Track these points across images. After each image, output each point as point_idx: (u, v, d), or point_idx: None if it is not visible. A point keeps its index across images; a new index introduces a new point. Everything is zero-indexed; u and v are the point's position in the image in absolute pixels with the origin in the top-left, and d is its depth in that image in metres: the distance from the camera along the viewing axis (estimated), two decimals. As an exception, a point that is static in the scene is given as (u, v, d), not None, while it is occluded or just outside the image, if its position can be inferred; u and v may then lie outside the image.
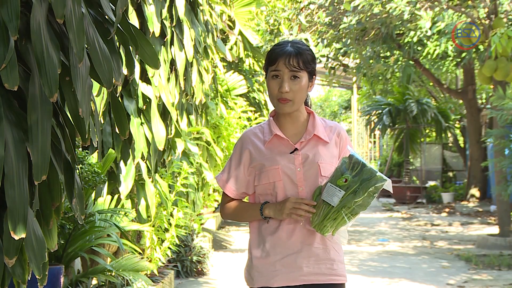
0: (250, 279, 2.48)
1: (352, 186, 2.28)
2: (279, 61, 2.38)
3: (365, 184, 2.28)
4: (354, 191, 2.28)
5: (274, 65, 2.40)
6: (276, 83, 2.40)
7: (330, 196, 2.30)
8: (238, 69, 12.04)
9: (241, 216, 2.53)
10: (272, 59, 2.41)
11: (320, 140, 2.48)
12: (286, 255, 2.41)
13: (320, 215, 2.32)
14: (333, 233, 2.35)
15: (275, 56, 2.40)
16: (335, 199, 2.29)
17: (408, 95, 18.20)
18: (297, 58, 2.38)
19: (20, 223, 1.87)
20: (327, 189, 2.32)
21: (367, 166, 2.32)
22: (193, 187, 6.65)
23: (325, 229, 2.32)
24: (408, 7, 8.90)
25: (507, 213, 9.16)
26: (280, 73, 2.38)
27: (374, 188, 2.29)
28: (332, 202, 2.29)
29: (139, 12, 4.45)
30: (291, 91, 2.38)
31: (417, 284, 6.72)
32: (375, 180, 2.29)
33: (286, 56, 2.37)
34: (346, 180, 2.29)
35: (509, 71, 8.59)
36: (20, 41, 2.00)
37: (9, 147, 1.89)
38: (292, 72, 2.38)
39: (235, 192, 2.53)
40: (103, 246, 4.47)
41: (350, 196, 2.28)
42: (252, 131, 2.53)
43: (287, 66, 2.37)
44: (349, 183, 2.29)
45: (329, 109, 34.58)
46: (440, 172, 19.11)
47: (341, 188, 2.29)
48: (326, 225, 2.32)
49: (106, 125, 4.28)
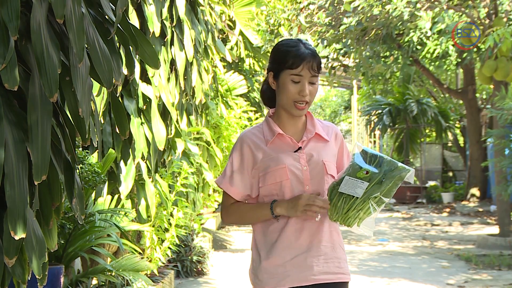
0: (258, 282, 2.42)
1: (376, 177, 2.29)
2: (303, 66, 2.34)
3: (389, 174, 2.30)
4: (379, 181, 2.29)
5: (297, 69, 2.35)
6: (296, 86, 2.36)
7: (352, 189, 2.29)
8: (238, 69, 12.04)
9: (248, 218, 2.46)
10: (294, 63, 2.35)
11: (321, 139, 2.48)
12: (296, 255, 2.38)
13: (342, 208, 2.30)
14: (359, 224, 2.32)
15: (298, 59, 2.35)
16: (359, 190, 2.28)
17: (408, 95, 18.21)
18: (316, 62, 2.37)
19: (20, 223, 1.87)
20: (345, 182, 2.30)
21: (386, 158, 2.34)
22: (193, 187, 6.65)
23: (350, 220, 2.31)
24: (407, 8, 8.90)
25: (507, 213, 9.16)
26: (302, 78, 2.36)
27: (400, 177, 2.31)
28: (356, 194, 2.28)
29: (139, 12, 4.45)
30: (309, 94, 2.38)
31: (417, 284, 6.72)
32: (398, 170, 2.31)
33: (309, 61, 2.35)
34: (367, 172, 2.29)
35: (509, 71, 8.59)
36: (20, 41, 2.00)
37: (9, 147, 1.89)
38: (312, 77, 2.37)
39: (241, 194, 2.46)
40: (103, 246, 4.47)
41: (376, 186, 2.28)
42: (250, 132, 2.49)
43: (310, 71, 2.35)
44: (370, 174, 2.29)
45: (329, 109, 34.56)
46: (440, 172, 19.10)
47: (363, 180, 2.29)
48: (350, 216, 2.30)
49: (106, 125, 4.28)
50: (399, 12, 8.81)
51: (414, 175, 2.43)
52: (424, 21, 9.06)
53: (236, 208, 2.47)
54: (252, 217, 2.45)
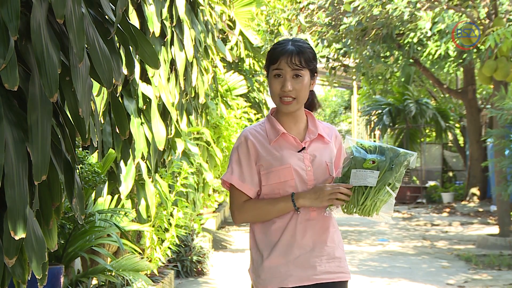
0: (261, 281, 2.41)
1: (384, 164, 2.30)
2: (281, 60, 2.36)
3: (396, 160, 2.31)
4: (389, 167, 2.30)
5: (276, 64, 2.38)
6: (279, 82, 2.38)
7: (363, 180, 2.29)
8: (238, 69, 12.04)
9: (267, 213, 2.39)
10: (273, 58, 2.39)
11: (323, 140, 2.48)
12: (299, 255, 2.38)
13: (357, 199, 2.31)
14: (377, 212, 2.33)
15: (277, 54, 2.38)
16: (371, 180, 2.28)
17: (408, 95, 18.20)
18: (299, 57, 2.36)
19: (20, 223, 1.87)
20: (354, 175, 2.30)
21: (384, 145, 2.37)
22: (193, 187, 6.65)
23: (368, 210, 2.31)
24: (408, 8, 8.90)
25: (507, 213, 9.16)
26: (282, 72, 2.36)
27: (407, 162, 2.32)
28: (370, 184, 2.28)
29: (139, 12, 4.45)
30: (294, 90, 2.36)
31: (417, 284, 6.72)
32: (403, 155, 2.33)
33: (288, 55, 2.36)
34: (373, 162, 2.30)
35: (509, 71, 8.59)
36: (20, 41, 2.00)
37: (9, 147, 1.88)
38: (294, 71, 2.36)
39: (253, 190, 2.42)
40: (103, 246, 4.47)
41: (388, 173, 2.29)
42: (253, 129, 2.48)
43: (289, 65, 2.35)
44: (378, 163, 2.30)
45: (329, 109, 34.55)
46: (440, 172, 19.10)
47: (372, 169, 2.29)
48: (368, 206, 2.31)
49: (106, 125, 4.28)
50: (399, 12, 8.81)
51: (414, 175, 2.44)
52: (424, 21, 9.06)
53: (252, 205, 2.41)
54: (271, 212, 2.38)
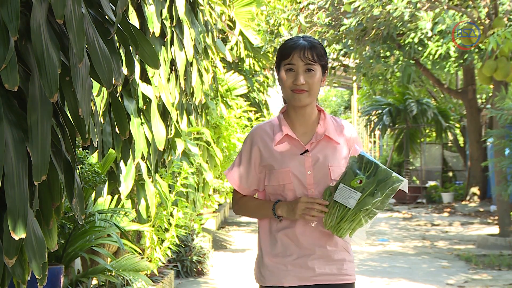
0: (262, 278, 2.44)
1: (369, 187, 2.22)
2: (293, 54, 2.35)
3: (382, 185, 2.22)
4: (371, 192, 2.21)
5: (288, 59, 2.36)
6: (291, 76, 2.36)
7: (345, 198, 2.23)
8: (238, 69, 12.05)
9: (254, 214, 2.49)
10: (285, 53, 2.37)
11: (331, 141, 2.42)
12: (299, 257, 2.38)
13: (336, 216, 2.26)
14: (351, 235, 2.29)
15: (289, 49, 2.36)
16: (351, 201, 2.22)
17: (408, 95, 18.20)
18: (311, 51, 2.35)
19: (20, 223, 1.86)
20: (339, 190, 2.25)
21: (381, 166, 2.25)
22: (193, 187, 6.65)
23: (342, 231, 2.27)
24: (408, 8, 8.90)
25: (507, 213, 9.16)
26: (295, 66, 2.35)
27: (392, 189, 2.23)
28: (349, 204, 2.22)
29: (139, 12, 4.45)
30: (306, 83, 2.34)
31: (417, 284, 6.72)
32: (392, 181, 2.23)
33: (301, 49, 2.34)
34: (360, 181, 2.22)
35: (509, 71, 8.59)
36: (20, 41, 2.00)
37: (9, 147, 1.88)
38: (307, 65, 2.34)
39: (247, 190, 2.48)
40: (103, 246, 4.47)
41: (368, 198, 2.21)
42: (261, 128, 2.47)
43: (302, 59, 2.34)
44: (364, 184, 2.22)
45: (329, 109, 34.56)
46: (440, 172, 19.11)
47: (356, 189, 2.22)
48: (342, 227, 2.26)
49: (106, 125, 4.28)
50: (400, 12, 8.81)
51: (414, 175, 2.41)
52: (425, 22, 9.06)
53: (244, 203, 2.51)
54: (257, 214, 2.48)
